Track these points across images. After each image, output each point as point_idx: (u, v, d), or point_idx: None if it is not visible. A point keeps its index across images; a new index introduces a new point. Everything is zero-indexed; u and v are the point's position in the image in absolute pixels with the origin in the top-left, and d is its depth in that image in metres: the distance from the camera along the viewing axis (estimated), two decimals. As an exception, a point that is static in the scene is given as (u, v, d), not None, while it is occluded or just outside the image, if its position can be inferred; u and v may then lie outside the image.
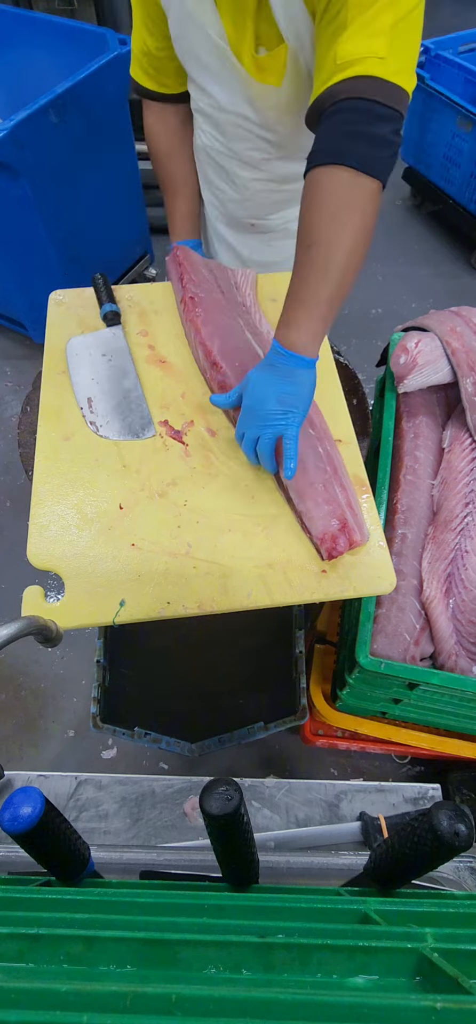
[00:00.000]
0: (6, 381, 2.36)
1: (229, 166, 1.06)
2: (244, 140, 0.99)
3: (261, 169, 1.04)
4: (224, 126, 0.99)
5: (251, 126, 0.97)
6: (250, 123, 0.96)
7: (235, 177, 1.07)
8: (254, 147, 1.00)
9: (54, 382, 0.96)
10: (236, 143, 1.01)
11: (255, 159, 1.02)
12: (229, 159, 1.05)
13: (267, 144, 0.99)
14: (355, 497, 0.83)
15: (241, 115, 0.95)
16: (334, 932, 0.38)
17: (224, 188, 1.11)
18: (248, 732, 0.96)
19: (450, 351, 1.07)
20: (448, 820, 0.41)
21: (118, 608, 0.74)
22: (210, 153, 1.07)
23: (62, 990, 0.28)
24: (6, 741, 1.59)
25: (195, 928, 0.39)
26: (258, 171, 1.04)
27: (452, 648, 0.95)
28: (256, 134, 0.98)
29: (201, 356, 0.94)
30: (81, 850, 0.51)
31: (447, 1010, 0.27)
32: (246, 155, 1.02)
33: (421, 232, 2.96)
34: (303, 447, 0.80)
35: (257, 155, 1.01)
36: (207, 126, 1.04)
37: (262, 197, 1.09)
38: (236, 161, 1.04)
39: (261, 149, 1.00)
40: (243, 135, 0.99)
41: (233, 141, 1.01)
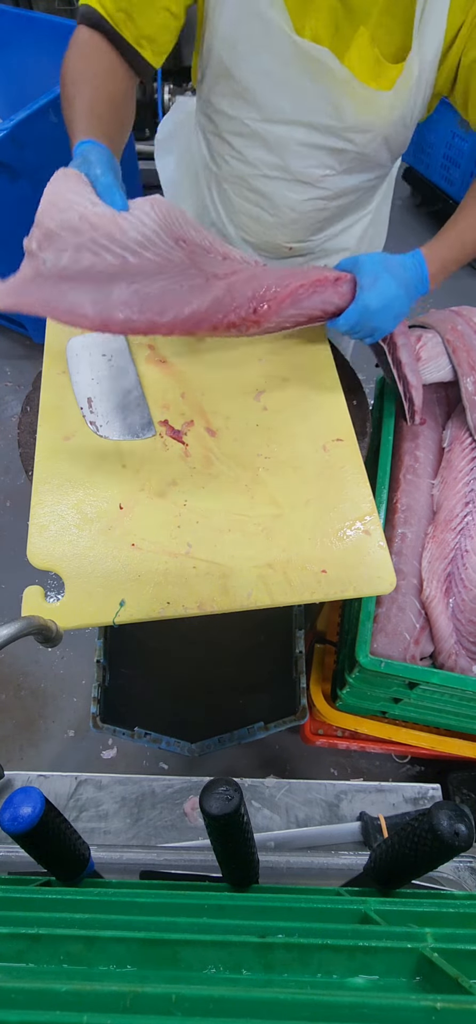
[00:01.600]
0: (6, 381, 2.36)
1: (273, 189, 0.98)
2: (305, 157, 0.92)
3: (317, 187, 0.97)
4: (280, 142, 0.92)
5: (323, 138, 0.90)
6: (325, 134, 0.89)
7: (279, 200, 0.99)
8: (317, 163, 0.93)
9: (54, 382, 0.96)
10: (293, 160, 0.93)
11: (314, 176, 0.95)
12: (275, 181, 0.97)
13: (337, 156, 0.92)
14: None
15: (313, 125, 0.88)
16: (334, 932, 0.38)
17: (260, 215, 1.03)
18: (248, 732, 0.96)
19: (451, 349, 1.07)
20: (448, 820, 0.41)
21: (118, 608, 0.74)
22: (246, 179, 0.99)
23: (62, 990, 0.28)
24: (6, 741, 1.59)
25: (195, 928, 0.39)
26: (312, 189, 0.97)
27: (452, 647, 0.95)
28: (328, 147, 0.91)
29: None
30: (81, 850, 0.51)
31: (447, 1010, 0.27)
32: (304, 173, 0.95)
33: (421, 232, 2.96)
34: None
35: (318, 172, 0.95)
36: (248, 147, 0.95)
37: (309, 218, 1.02)
38: (285, 182, 0.96)
39: (326, 165, 0.94)
40: (305, 151, 0.92)
41: (289, 158, 0.93)
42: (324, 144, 0.91)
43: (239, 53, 0.84)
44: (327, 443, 0.90)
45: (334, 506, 0.84)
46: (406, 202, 3.07)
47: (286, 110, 0.88)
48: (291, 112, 0.88)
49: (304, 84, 0.84)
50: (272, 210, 1.02)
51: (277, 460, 0.88)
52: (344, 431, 0.92)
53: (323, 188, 0.98)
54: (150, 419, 0.92)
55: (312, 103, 0.86)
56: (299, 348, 1.02)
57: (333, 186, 0.98)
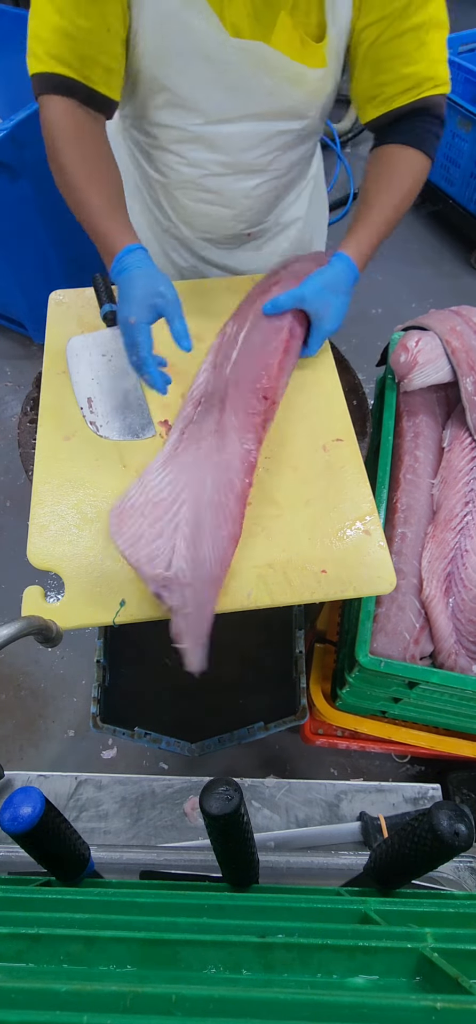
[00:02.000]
0: (6, 381, 2.36)
1: (225, 185, 0.99)
2: (254, 148, 0.94)
3: (267, 171, 0.99)
4: (227, 141, 0.92)
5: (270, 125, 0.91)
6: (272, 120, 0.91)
7: (232, 193, 1.01)
8: (266, 150, 0.95)
9: (54, 382, 0.96)
10: (242, 154, 0.95)
11: (263, 163, 0.97)
12: (225, 177, 0.98)
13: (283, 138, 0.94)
14: None
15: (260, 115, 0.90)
16: (334, 932, 0.38)
17: (215, 211, 1.04)
18: (248, 732, 0.96)
19: (450, 350, 1.07)
20: (448, 820, 0.41)
21: (118, 608, 0.74)
22: (196, 181, 0.99)
23: (62, 990, 0.28)
24: (6, 741, 1.59)
25: (195, 928, 0.39)
26: (263, 175, 0.99)
27: (452, 647, 0.95)
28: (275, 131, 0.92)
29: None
30: (81, 850, 0.51)
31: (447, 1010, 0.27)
32: (253, 163, 0.96)
33: (421, 232, 2.96)
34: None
35: (267, 158, 0.96)
36: (194, 151, 0.95)
37: (262, 200, 1.04)
38: (235, 176, 0.98)
39: (273, 149, 0.95)
40: (254, 142, 0.93)
41: (237, 153, 0.94)
42: (271, 131, 0.93)
43: (172, 67, 0.83)
44: (327, 443, 0.90)
45: (334, 506, 0.84)
46: (406, 202, 3.07)
47: (230, 109, 0.88)
48: (235, 109, 0.88)
49: (244, 81, 0.85)
50: (226, 204, 1.03)
51: (277, 460, 0.88)
52: (344, 431, 0.92)
53: (273, 171, 1.00)
54: (150, 419, 0.92)
55: (256, 96, 0.87)
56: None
57: (281, 165, 1.00)
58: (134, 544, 0.70)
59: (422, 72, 0.85)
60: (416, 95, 0.86)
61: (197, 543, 0.70)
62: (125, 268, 0.80)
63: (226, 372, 0.87)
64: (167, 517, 0.72)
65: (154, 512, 0.72)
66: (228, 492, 0.75)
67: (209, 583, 0.70)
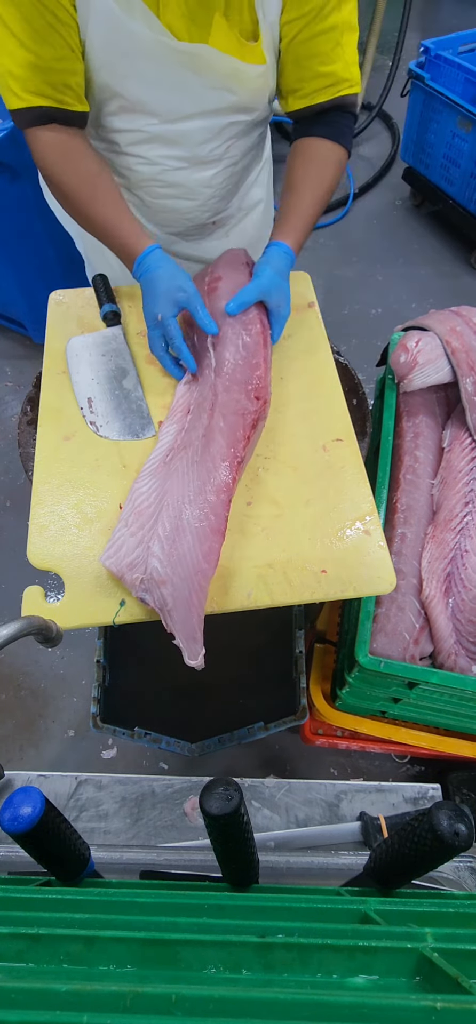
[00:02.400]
0: (6, 381, 2.36)
1: (184, 178, 1.01)
2: (209, 141, 0.97)
3: (223, 160, 1.02)
4: (183, 136, 0.95)
5: (222, 119, 0.94)
6: (223, 115, 0.94)
7: (193, 184, 1.03)
8: (220, 141, 0.98)
9: (54, 382, 0.96)
10: (198, 148, 0.97)
11: (219, 153, 1.00)
12: (184, 171, 1.00)
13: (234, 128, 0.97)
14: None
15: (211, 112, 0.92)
16: (334, 932, 0.38)
17: (177, 205, 1.07)
18: (248, 732, 0.96)
19: (450, 350, 1.07)
20: (448, 820, 0.41)
21: (118, 608, 0.74)
22: (156, 177, 1.01)
23: (62, 990, 0.28)
24: (6, 741, 1.59)
25: (195, 928, 0.39)
26: (219, 164, 1.02)
27: (451, 647, 0.95)
28: (226, 124, 0.95)
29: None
30: (81, 850, 0.51)
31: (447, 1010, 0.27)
32: (210, 155, 0.99)
33: (421, 232, 2.96)
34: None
35: (221, 148, 0.99)
36: (152, 150, 0.97)
37: (223, 188, 1.07)
38: (191, 168, 1.00)
39: (227, 139, 0.98)
40: (208, 136, 0.96)
41: (194, 147, 0.97)
42: (222, 123, 0.96)
43: (120, 72, 0.86)
44: (327, 443, 0.90)
45: (334, 506, 0.84)
46: (406, 202, 3.06)
47: (180, 108, 0.91)
48: (186, 108, 0.92)
49: (190, 82, 0.88)
50: (188, 196, 1.05)
51: (277, 460, 0.88)
52: (344, 431, 0.92)
53: (228, 158, 1.03)
54: (150, 419, 0.92)
55: (204, 96, 0.91)
56: (299, 348, 1.02)
57: (236, 153, 1.03)
58: (116, 554, 0.73)
59: (339, 73, 0.90)
60: (334, 93, 0.92)
61: (176, 541, 0.71)
62: (147, 269, 0.89)
63: (211, 379, 0.87)
64: (148, 525, 0.74)
65: (137, 521, 0.75)
66: (209, 485, 0.75)
67: (193, 577, 0.69)
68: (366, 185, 3.11)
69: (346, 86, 0.93)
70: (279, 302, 0.92)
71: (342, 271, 2.78)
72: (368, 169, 3.22)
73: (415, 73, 2.62)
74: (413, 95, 2.70)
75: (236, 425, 0.81)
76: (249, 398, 0.84)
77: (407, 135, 2.84)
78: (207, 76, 0.88)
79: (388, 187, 3.17)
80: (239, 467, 0.79)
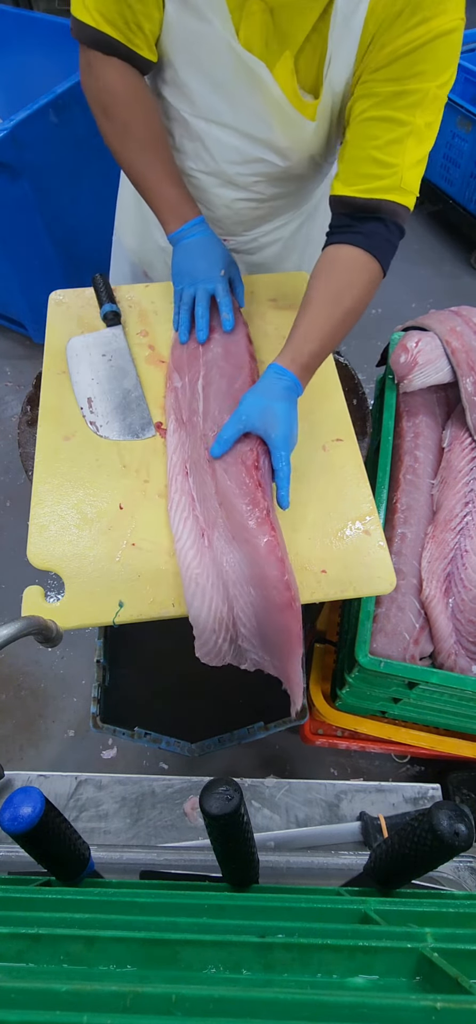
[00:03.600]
0: (6, 381, 2.36)
1: (206, 184, 0.99)
2: (238, 164, 0.93)
3: (249, 190, 0.98)
4: (214, 143, 0.92)
5: (254, 148, 0.91)
6: (256, 144, 0.90)
7: (212, 196, 1.01)
8: (249, 171, 0.95)
9: (54, 382, 0.96)
10: (226, 165, 0.94)
11: (246, 182, 0.97)
12: (208, 177, 0.98)
13: (266, 166, 0.93)
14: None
15: (246, 134, 0.89)
16: (334, 932, 0.38)
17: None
18: (248, 732, 0.96)
19: (450, 351, 1.07)
20: (448, 820, 0.41)
21: (118, 608, 0.74)
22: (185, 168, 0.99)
23: (62, 990, 0.28)
24: (6, 741, 1.59)
25: (195, 928, 0.39)
26: (244, 191, 0.98)
27: (451, 647, 0.95)
28: (258, 157, 0.92)
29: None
30: (81, 850, 0.51)
31: (447, 1010, 0.27)
32: (236, 178, 0.96)
33: (421, 232, 2.96)
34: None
35: (249, 179, 0.96)
36: (185, 138, 0.95)
37: (241, 215, 1.03)
38: (217, 180, 0.98)
39: (257, 174, 0.95)
40: (237, 157, 0.92)
41: (222, 162, 0.94)
42: (255, 155, 0.92)
43: (179, 44, 0.84)
44: (327, 443, 0.90)
45: (334, 506, 0.84)
46: (406, 202, 3.07)
47: (220, 112, 0.88)
48: (222, 115, 0.89)
49: (239, 91, 0.85)
50: (206, 204, 1.03)
51: (277, 460, 0.88)
52: (344, 431, 0.92)
53: (255, 192, 0.99)
54: (150, 419, 0.92)
55: (245, 113, 0.87)
56: (299, 348, 1.02)
57: (264, 191, 0.99)
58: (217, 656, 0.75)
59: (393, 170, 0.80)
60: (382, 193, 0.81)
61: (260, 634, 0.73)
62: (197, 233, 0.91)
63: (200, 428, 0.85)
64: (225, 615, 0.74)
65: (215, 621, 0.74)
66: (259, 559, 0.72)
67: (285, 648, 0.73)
68: (366, 185, 3.11)
69: (398, 191, 0.81)
70: (268, 427, 0.77)
71: (342, 271, 2.77)
72: (368, 169, 3.22)
73: (415, 73, 2.62)
74: (413, 95, 2.70)
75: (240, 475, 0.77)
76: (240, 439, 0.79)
77: (407, 135, 2.84)
78: (255, 96, 0.85)
79: (388, 187, 3.17)
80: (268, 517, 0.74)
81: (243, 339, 0.93)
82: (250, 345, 0.92)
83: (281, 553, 0.71)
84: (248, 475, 0.76)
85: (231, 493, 0.76)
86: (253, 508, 0.74)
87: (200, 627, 0.73)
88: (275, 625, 0.71)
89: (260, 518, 0.73)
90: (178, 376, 0.93)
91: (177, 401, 0.90)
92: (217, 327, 0.94)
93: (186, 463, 0.83)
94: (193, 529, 0.77)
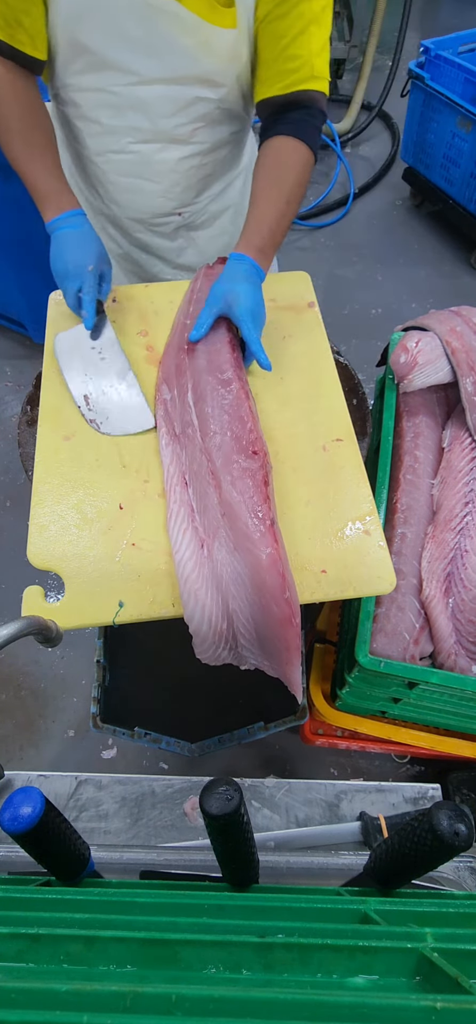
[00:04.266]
0: (6, 381, 2.36)
1: (150, 153, 1.00)
2: (173, 115, 0.96)
3: (190, 143, 1.00)
4: (146, 104, 0.94)
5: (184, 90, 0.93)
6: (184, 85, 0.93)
7: (158, 164, 1.02)
8: (186, 119, 0.97)
9: (54, 382, 0.96)
10: (163, 120, 0.96)
11: (185, 133, 0.98)
12: (150, 145, 0.99)
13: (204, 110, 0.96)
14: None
15: (177, 78, 0.92)
16: (334, 932, 0.38)
17: (142, 185, 1.05)
18: (248, 732, 0.96)
19: (450, 351, 1.07)
20: (448, 820, 0.41)
21: (118, 608, 0.74)
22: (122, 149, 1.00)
23: (62, 990, 0.28)
24: (6, 741, 1.59)
25: (195, 928, 0.39)
26: (186, 147, 1.01)
27: (451, 647, 0.95)
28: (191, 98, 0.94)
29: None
30: (81, 850, 0.51)
31: (447, 1010, 0.27)
32: (175, 132, 0.98)
33: (421, 232, 2.96)
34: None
35: (188, 128, 0.98)
36: (118, 117, 0.96)
37: (189, 177, 1.05)
38: (158, 144, 0.99)
39: (193, 119, 0.97)
40: (171, 108, 0.95)
41: (159, 119, 0.96)
42: (188, 96, 0.94)
43: (88, 24, 0.87)
44: (327, 443, 0.90)
45: (334, 506, 0.84)
46: (406, 202, 3.06)
47: (146, 69, 0.91)
48: (151, 70, 0.91)
49: (155, 37, 0.88)
50: (153, 176, 1.04)
51: (277, 460, 0.88)
52: (344, 431, 0.92)
53: (196, 143, 1.01)
54: (147, 406, 0.92)
55: (168, 57, 0.90)
56: (299, 348, 1.02)
57: (205, 139, 1.01)
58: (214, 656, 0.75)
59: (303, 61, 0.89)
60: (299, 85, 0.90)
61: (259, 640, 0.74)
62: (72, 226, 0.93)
63: (198, 442, 0.83)
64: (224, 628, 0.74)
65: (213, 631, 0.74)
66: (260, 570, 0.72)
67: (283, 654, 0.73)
68: (366, 185, 3.12)
69: (311, 79, 0.91)
70: (233, 305, 0.88)
71: (342, 271, 2.78)
72: (368, 169, 3.22)
73: (415, 73, 2.62)
74: (413, 95, 2.71)
75: (253, 490, 0.77)
76: (247, 455, 0.80)
77: (407, 135, 2.84)
78: (175, 36, 0.87)
79: (388, 187, 3.17)
80: (273, 527, 0.74)
81: (225, 347, 0.92)
82: (233, 353, 0.92)
83: (283, 568, 0.71)
84: (254, 487, 0.76)
85: (236, 504, 0.75)
86: (258, 520, 0.74)
87: (200, 637, 0.73)
88: (275, 638, 0.72)
89: (264, 530, 0.73)
90: (167, 388, 0.92)
91: (167, 413, 0.90)
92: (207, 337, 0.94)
93: (184, 474, 0.83)
94: (192, 540, 0.77)
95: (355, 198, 3.06)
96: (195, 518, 0.79)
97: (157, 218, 1.11)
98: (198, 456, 0.82)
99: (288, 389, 0.97)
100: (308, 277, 1.14)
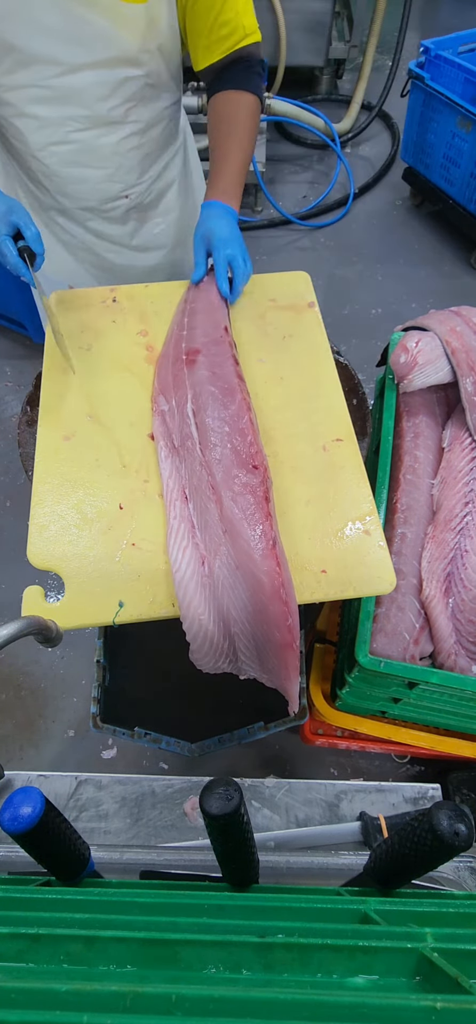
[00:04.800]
0: (6, 381, 2.36)
1: (88, 143, 1.02)
2: (106, 98, 0.97)
3: (126, 123, 1.02)
4: (78, 93, 0.96)
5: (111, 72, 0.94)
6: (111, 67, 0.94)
7: (99, 149, 1.04)
8: (119, 100, 0.98)
9: (54, 382, 0.96)
10: (98, 104, 0.98)
11: (120, 115, 1.00)
12: (88, 131, 1.01)
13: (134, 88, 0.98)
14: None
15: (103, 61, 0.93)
16: (334, 932, 0.38)
17: (87, 174, 1.07)
18: (248, 732, 0.96)
19: (450, 351, 1.07)
20: (448, 820, 0.41)
21: (118, 608, 0.74)
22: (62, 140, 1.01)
23: (62, 990, 0.28)
24: (6, 741, 1.59)
25: (195, 928, 0.39)
26: (123, 127, 1.02)
27: (451, 647, 0.95)
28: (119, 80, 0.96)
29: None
30: (81, 850, 0.51)
31: (447, 1010, 0.27)
32: (110, 114, 0.99)
33: (421, 232, 2.96)
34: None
35: (122, 109, 1.00)
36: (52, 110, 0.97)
37: (131, 158, 1.07)
38: (97, 130, 1.01)
39: (125, 99, 0.99)
40: (103, 91, 0.96)
41: (94, 103, 0.97)
42: (116, 78, 0.96)
43: (9, 21, 0.88)
44: (327, 443, 0.90)
45: (334, 506, 0.84)
46: (406, 202, 3.06)
47: (72, 57, 0.92)
48: (77, 57, 0.92)
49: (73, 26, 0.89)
50: (96, 162, 1.06)
51: (277, 460, 0.88)
52: (344, 431, 0.92)
53: (132, 123, 1.03)
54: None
55: (91, 44, 0.92)
56: (299, 348, 1.02)
57: (139, 117, 1.04)
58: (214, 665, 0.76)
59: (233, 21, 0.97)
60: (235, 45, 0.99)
61: (259, 656, 0.74)
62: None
63: (198, 455, 0.82)
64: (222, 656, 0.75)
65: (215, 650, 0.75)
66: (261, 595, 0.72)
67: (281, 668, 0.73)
68: (366, 185, 3.12)
69: (245, 38, 0.99)
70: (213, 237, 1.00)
71: (342, 271, 2.78)
72: (368, 169, 3.22)
73: (415, 73, 2.62)
74: (413, 95, 2.71)
75: (249, 506, 0.76)
76: (248, 469, 0.79)
77: (407, 135, 2.84)
78: (88, 18, 0.89)
79: (388, 187, 3.17)
80: (274, 549, 0.73)
81: (229, 360, 0.92)
82: (237, 366, 0.91)
83: (286, 596, 0.71)
84: (256, 504, 0.76)
85: (237, 521, 0.75)
86: (259, 538, 0.73)
87: (201, 653, 0.73)
88: (275, 659, 0.72)
89: (266, 549, 0.72)
90: (164, 399, 0.91)
91: (165, 425, 0.88)
92: (201, 348, 0.94)
93: (184, 489, 0.82)
94: (193, 557, 0.76)
95: (355, 198, 3.06)
96: (196, 534, 0.78)
97: (106, 203, 1.13)
98: (198, 470, 0.81)
99: (288, 389, 0.97)
100: (308, 277, 1.14)
